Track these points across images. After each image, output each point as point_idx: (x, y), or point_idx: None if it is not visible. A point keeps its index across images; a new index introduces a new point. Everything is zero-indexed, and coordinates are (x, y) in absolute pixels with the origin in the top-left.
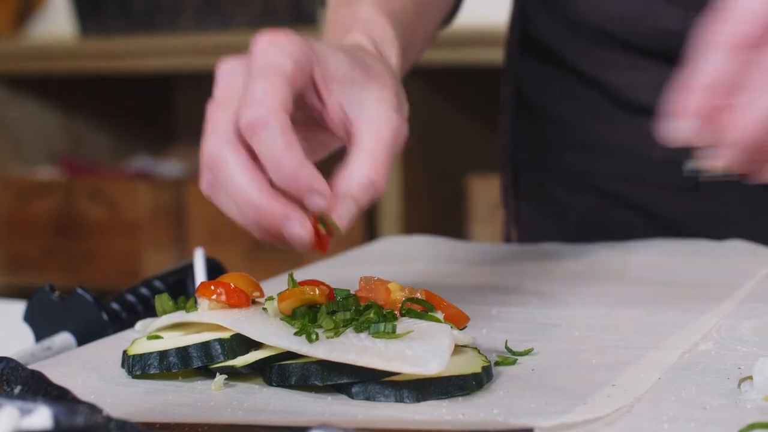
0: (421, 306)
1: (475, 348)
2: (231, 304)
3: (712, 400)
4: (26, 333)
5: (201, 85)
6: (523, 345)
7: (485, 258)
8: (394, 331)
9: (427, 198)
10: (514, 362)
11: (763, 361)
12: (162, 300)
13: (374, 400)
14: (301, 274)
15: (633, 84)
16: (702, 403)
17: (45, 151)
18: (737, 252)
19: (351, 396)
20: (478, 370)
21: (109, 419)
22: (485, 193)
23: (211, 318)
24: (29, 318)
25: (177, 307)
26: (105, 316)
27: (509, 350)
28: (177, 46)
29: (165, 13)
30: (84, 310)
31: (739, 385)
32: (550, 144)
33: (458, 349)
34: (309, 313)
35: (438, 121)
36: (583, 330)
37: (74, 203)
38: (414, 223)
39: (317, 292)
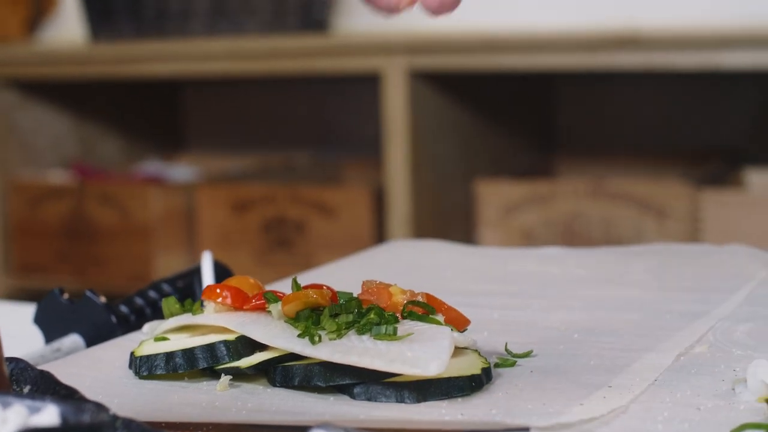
0: (422, 309)
1: (476, 350)
2: (236, 307)
3: (707, 401)
4: (36, 335)
5: (212, 90)
6: (523, 347)
7: (489, 261)
8: (395, 333)
9: (437, 202)
10: (513, 364)
11: (757, 363)
12: (169, 303)
13: (376, 401)
14: (307, 278)
15: None
16: (696, 404)
17: (56, 156)
18: (737, 256)
19: (353, 397)
20: (478, 371)
21: (115, 418)
22: (495, 198)
23: (217, 320)
24: (39, 320)
25: (184, 310)
26: (114, 319)
27: (509, 352)
28: (187, 52)
29: (175, 19)
30: (93, 312)
31: (733, 387)
32: None
33: (459, 351)
34: (312, 315)
35: (449, 125)
36: (583, 333)
37: (85, 208)
38: (423, 227)
39: (320, 295)
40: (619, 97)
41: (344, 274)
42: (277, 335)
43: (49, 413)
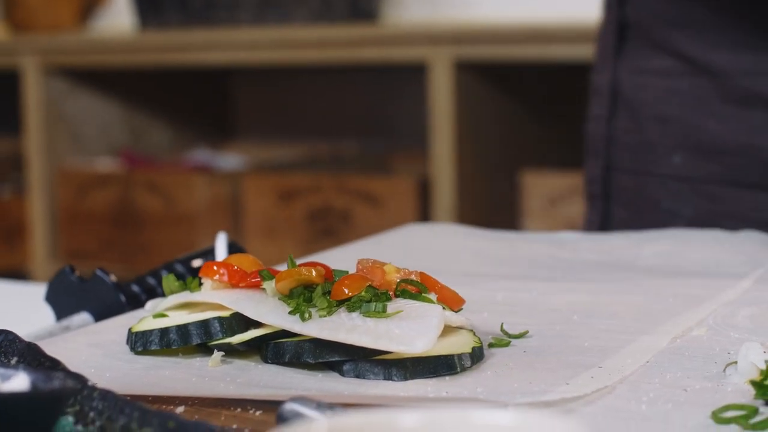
0: (415, 287)
1: (471, 330)
2: (233, 284)
3: (695, 383)
4: (49, 313)
5: (262, 79)
6: (521, 328)
7: (501, 245)
8: (384, 311)
9: (482, 192)
10: (507, 344)
11: (748, 345)
12: (169, 280)
13: (364, 378)
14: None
15: (752, 70)
16: (684, 386)
17: (105, 144)
18: (750, 242)
19: (342, 374)
20: (468, 350)
21: (93, 389)
22: (539, 189)
23: (212, 297)
24: (50, 298)
25: (183, 288)
26: (123, 298)
27: (504, 333)
28: (235, 40)
29: (223, 8)
30: (103, 291)
31: (724, 370)
32: (654, 146)
33: (452, 330)
34: (305, 293)
35: (493, 116)
36: (582, 315)
37: (132, 196)
38: (468, 218)
39: (313, 272)
40: None
41: (355, 255)
42: (269, 312)
43: (20, 380)
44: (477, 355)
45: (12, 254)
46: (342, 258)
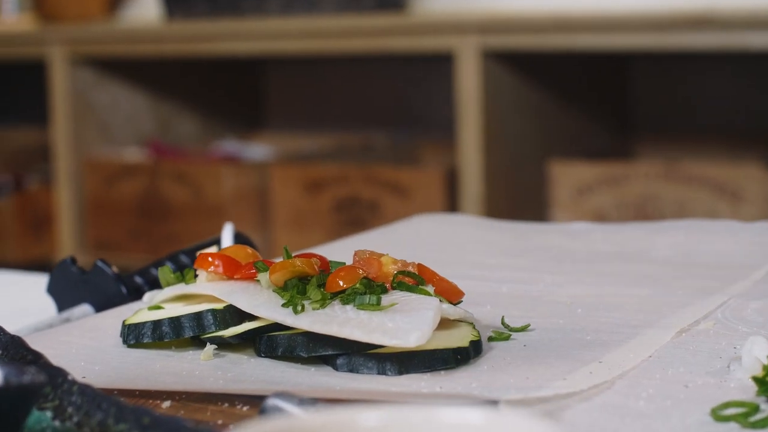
0: (413, 279)
1: (471, 323)
2: (228, 276)
3: (697, 378)
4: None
5: (292, 69)
6: (523, 321)
7: (512, 236)
8: (378, 303)
9: (510, 183)
10: (508, 338)
11: (753, 339)
12: (164, 272)
13: (357, 372)
14: (323, 250)
15: None
16: (685, 382)
17: (133, 134)
18: (766, 233)
19: (336, 368)
20: (465, 344)
21: (72, 383)
22: (567, 179)
23: (206, 289)
24: (52, 290)
25: (179, 279)
26: (124, 290)
27: (506, 326)
28: (263, 30)
29: None
30: (104, 283)
31: (728, 365)
32: None
33: (451, 323)
34: (299, 285)
35: (521, 105)
36: (587, 308)
37: (159, 186)
38: (496, 208)
39: (307, 264)
40: (697, 77)
41: (363, 245)
42: (262, 304)
43: None
44: (475, 349)
45: (40, 244)
46: (350, 249)
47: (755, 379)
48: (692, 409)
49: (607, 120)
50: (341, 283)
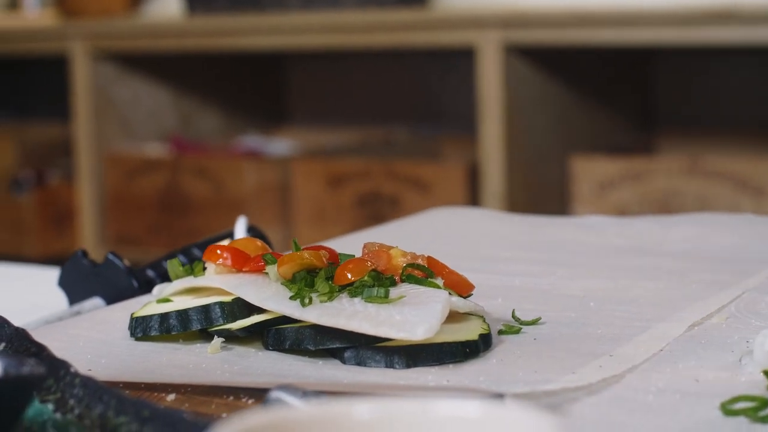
0: (422, 272)
1: (481, 316)
2: (237, 268)
3: (708, 372)
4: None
5: (315, 64)
6: (535, 315)
7: (526, 229)
8: (386, 296)
9: (531, 178)
10: (518, 331)
11: (765, 333)
12: (173, 265)
13: (365, 366)
14: (336, 243)
15: None
16: (695, 376)
17: (154, 129)
18: None
19: (343, 361)
20: (474, 338)
21: (75, 376)
22: (589, 175)
23: (214, 282)
24: (63, 283)
25: (187, 272)
26: (135, 283)
27: (516, 319)
28: (284, 25)
29: None
30: (115, 276)
31: (740, 359)
32: None
33: (461, 316)
34: (307, 277)
35: (542, 100)
36: (599, 301)
37: (180, 181)
38: (517, 203)
39: (315, 257)
40: (720, 72)
41: (376, 238)
42: (270, 297)
43: None
44: (484, 343)
45: (61, 239)
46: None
47: (766, 373)
48: (702, 403)
49: (629, 115)
50: (349, 275)
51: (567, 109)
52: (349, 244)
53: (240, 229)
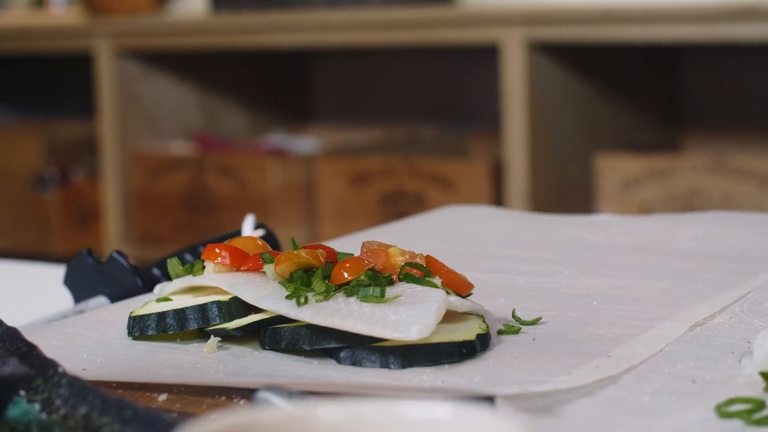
0: (420, 271)
1: (480, 316)
2: (235, 267)
3: (705, 373)
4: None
5: (341, 62)
6: (536, 314)
7: (533, 228)
8: (382, 296)
9: (556, 175)
10: (518, 331)
11: (765, 334)
12: (173, 264)
13: (360, 366)
14: (340, 243)
15: None
16: (693, 377)
17: (179, 127)
18: None
19: (339, 361)
20: (471, 338)
21: (63, 376)
22: (613, 172)
23: (211, 280)
24: (68, 281)
25: (187, 271)
26: (139, 282)
27: (517, 319)
28: (309, 22)
29: None
30: (120, 274)
31: (740, 360)
32: None
33: (461, 316)
34: (304, 276)
35: (567, 98)
36: (603, 301)
37: (205, 179)
38: (541, 201)
39: (313, 256)
40: (746, 69)
41: (383, 237)
42: (266, 296)
43: None
44: (482, 343)
45: (85, 237)
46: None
47: (763, 374)
48: (697, 405)
49: (655, 112)
50: (346, 274)
51: (591, 107)
52: (358, 243)
53: (248, 227)
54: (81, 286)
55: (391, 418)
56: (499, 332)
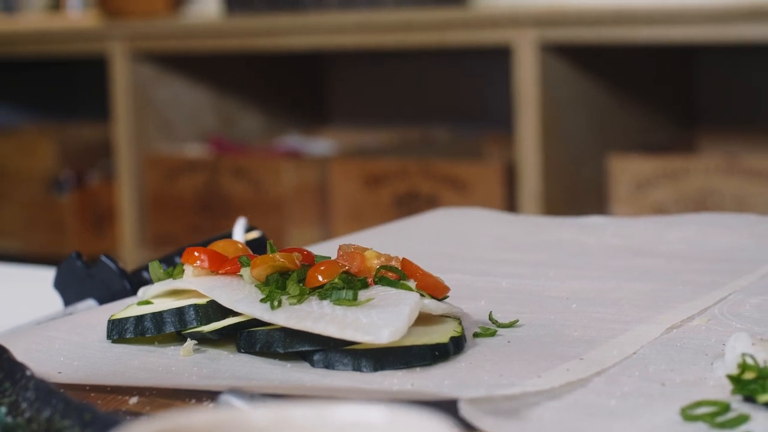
0: (395, 274)
1: (457, 318)
2: (214, 271)
3: (676, 376)
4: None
5: (356, 64)
6: (515, 317)
7: (524, 230)
8: (355, 299)
9: (569, 177)
10: (493, 334)
11: (736, 336)
12: (154, 267)
13: (333, 368)
14: (327, 246)
15: None
16: (663, 380)
17: (194, 130)
18: None
19: (312, 364)
20: (445, 340)
21: (30, 378)
22: (626, 174)
23: (189, 284)
24: (58, 284)
25: (167, 274)
26: (128, 285)
27: (494, 321)
28: (323, 25)
29: None
30: (108, 278)
31: (712, 362)
32: None
33: (436, 319)
34: (279, 279)
35: (580, 99)
36: (582, 303)
37: (219, 181)
38: (554, 203)
39: (288, 259)
40: (761, 70)
41: (373, 240)
42: (241, 299)
43: None
44: (455, 346)
45: (101, 240)
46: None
47: (730, 377)
48: (664, 408)
49: (669, 113)
50: (320, 277)
51: (605, 108)
52: (359, 243)
53: (238, 230)
54: (70, 290)
55: (321, 421)
56: (475, 335)
